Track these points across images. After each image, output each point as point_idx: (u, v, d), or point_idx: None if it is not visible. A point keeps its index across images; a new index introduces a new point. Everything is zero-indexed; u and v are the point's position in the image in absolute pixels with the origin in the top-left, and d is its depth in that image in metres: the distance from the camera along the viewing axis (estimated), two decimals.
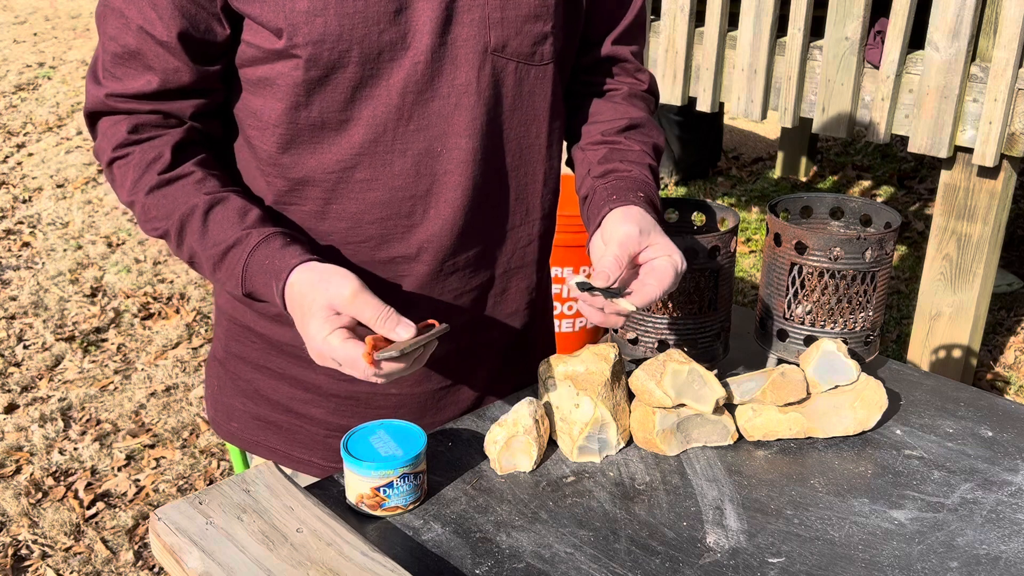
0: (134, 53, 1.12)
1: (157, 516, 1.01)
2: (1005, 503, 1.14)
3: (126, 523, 2.60)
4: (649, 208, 1.20)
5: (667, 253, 1.13)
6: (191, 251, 1.15)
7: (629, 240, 1.13)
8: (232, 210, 1.13)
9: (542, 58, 1.20)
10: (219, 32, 1.12)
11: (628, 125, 1.32)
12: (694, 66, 3.29)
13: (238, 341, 1.34)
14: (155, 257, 4.16)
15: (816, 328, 1.31)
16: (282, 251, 1.10)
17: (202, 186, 1.15)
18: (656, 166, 1.31)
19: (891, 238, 1.29)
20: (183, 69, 1.12)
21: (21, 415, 3.06)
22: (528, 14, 1.17)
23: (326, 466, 1.34)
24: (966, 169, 2.87)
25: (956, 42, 2.71)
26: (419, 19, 1.12)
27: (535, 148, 1.26)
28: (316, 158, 1.17)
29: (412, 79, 1.14)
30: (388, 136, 1.16)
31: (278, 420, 1.34)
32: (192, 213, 1.13)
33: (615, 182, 1.23)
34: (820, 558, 1.04)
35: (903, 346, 3.51)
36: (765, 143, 5.75)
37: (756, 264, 4.19)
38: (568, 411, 1.19)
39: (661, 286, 1.11)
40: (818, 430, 1.25)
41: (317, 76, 1.11)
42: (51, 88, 6.43)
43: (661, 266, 1.12)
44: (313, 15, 1.08)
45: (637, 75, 1.36)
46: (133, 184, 1.15)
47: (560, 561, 1.03)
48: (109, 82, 1.15)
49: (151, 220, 1.16)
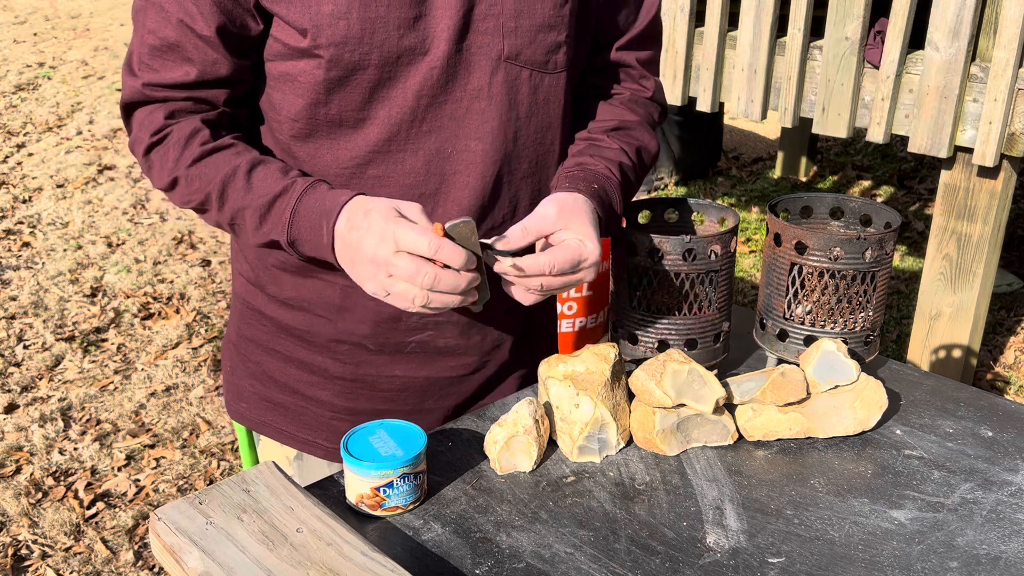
0: (173, 46, 1.16)
1: (157, 516, 1.01)
2: (1005, 503, 1.14)
3: (126, 523, 2.60)
4: (594, 199, 1.20)
5: (579, 236, 1.13)
6: (234, 209, 1.18)
7: (544, 219, 1.14)
8: (275, 167, 1.18)
9: (556, 66, 1.23)
10: (253, 27, 1.16)
11: (616, 126, 1.34)
12: (694, 66, 3.29)
13: (249, 324, 1.38)
14: (155, 257, 4.16)
15: (816, 328, 1.31)
16: (331, 192, 1.14)
17: (242, 153, 1.19)
18: (633, 166, 1.32)
19: (891, 238, 1.29)
20: (221, 61, 1.17)
21: (21, 415, 3.06)
22: (543, 23, 1.20)
23: (331, 447, 1.38)
24: (966, 169, 2.87)
25: (956, 42, 2.70)
26: (437, 26, 1.16)
27: (551, 154, 1.29)
28: (332, 153, 1.21)
29: (428, 83, 1.17)
30: (402, 136, 1.20)
31: (285, 402, 1.38)
32: (235, 173, 1.17)
33: (575, 171, 1.25)
34: (820, 558, 1.04)
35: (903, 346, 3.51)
36: (765, 143, 5.75)
37: (756, 264, 4.19)
38: (568, 411, 1.19)
39: (553, 257, 1.10)
40: (818, 430, 1.25)
41: (337, 76, 1.15)
42: (51, 88, 6.43)
43: (565, 243, 1.12)
44: (337, 18, 1.12)
45: (642, 82, 1.37)
46: (175, 161, 1.19)
47: (560, 561, 1.03)
48: (146, 73, 1.19)
49: (192, 192, 1.19)
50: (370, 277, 1.09)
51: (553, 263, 1.10)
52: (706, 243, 1.28)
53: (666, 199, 1.43)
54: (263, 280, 1.33)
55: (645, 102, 1.38)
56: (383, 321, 1.29)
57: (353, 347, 1.32)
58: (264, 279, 1.33)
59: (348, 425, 1.36)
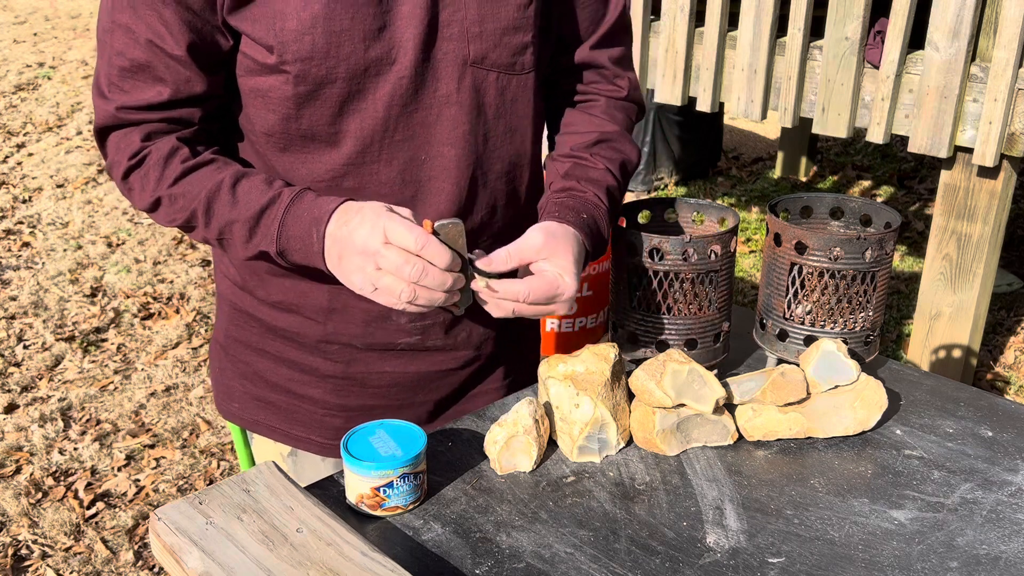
0: (143, 66, 1.15)
1: (157, 516, 1.01)
2: (1005, 503, 1.14)
3: (126, 523, 2.60)
4: (583, 231, 1.21)
5: (559, 271, 1.14)
6: (222, 224, 1.17)
7: (529, 247, 1.15)
8: (258, 179, 1.17)
9: (523, 68, 1.23)
10: (223, 43, 1.15)
11: (598, 139, 1.34)
12: (694, 66, 3.29)
13: (238, 326, 1.38)
14: (155, 257, 4.16)
15: (816, 328, 1.31)
16: (317, 200, 1.14)
17: (224, 167, 1.19)
18: (618, 185, 1.33)
19: (891, 238, 1.29)
20: (195, 79, 1.16)
21: (21, 415, 3.06)
22: (507, 26, 1.20)
23: (324, 443, 1.39)
24: (966, 169, 2.87)
25: (956, 42, 2.71)
26: (403, 36, 1.15)
27: (523, 154, 1.30)
28: (306, 167, 1.21)
29: (397, 93, 1.17)
30: (375, 147, 1.20)
31: (277, 400, 1.38)
32: (220, 188, 1.16)
33: (565, 199, 1.26)
34: (820, 558, 1.04)
35: (903, 346, 3.52)
36: (765, 143, 5.75)
37: (756, 264, 4.19)
38: (568, 411, 1.19)
39: (529, 287, 1.12)
40: (818, 430, 1.25)
41: (306, 91, 1.15)
42: (51, 88, 6.43)
43: (544, 275, 1.14)
44: (301, 33, 1.11)
45: (616, 81, 1.36)
46: (156, 182, 1.18)
47: (560, 561, 1.03)
48: (117, 95, 1.17)
49: (176, 211, 1.19)
50: (358, 269, 1.09)
51: (528, 292, 1.12)
52: (706, 243, 1.28)
53: (666, 199, 1.43)
54: (250, 284, 1.33)
55: (622, 105, 1.38)
56: (372, 321, 1.30)
57: (343, 347, 1.32)
58: (251, 283, 1.33)
59: (340, 421, 1.36)
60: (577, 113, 1.37)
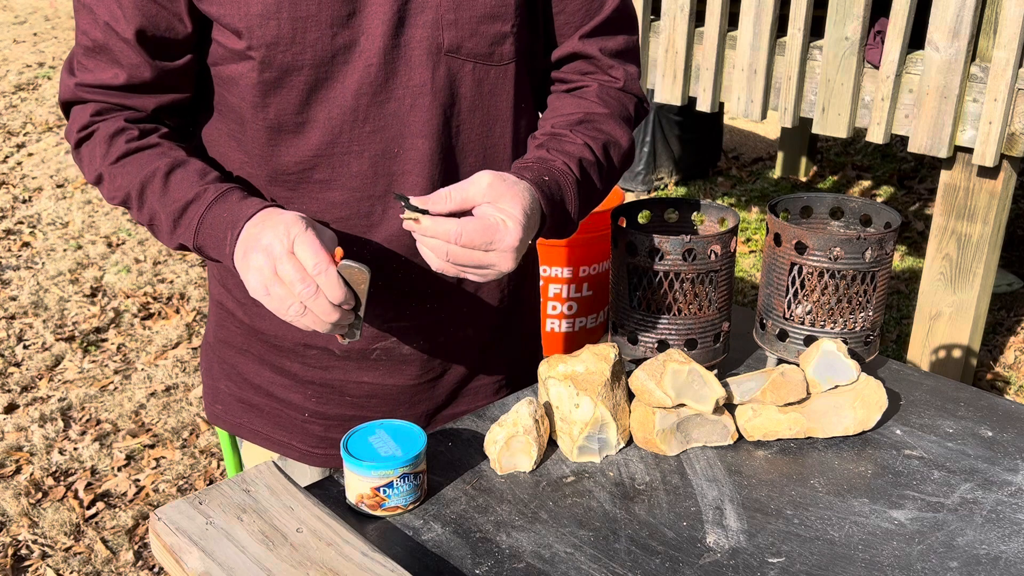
0: (102, 47, 1.16)
1: (157, 516, 1.01)
2: (1005, 503, 1.14)
3: (126, 523, 2.60)
4: (539, 189, 1.12)
5: (503, 216, 1.05)
6: (151, 212, 1.17)
7: (473, 187, 1.06)
8: (193, 171, 1.16)
9: (502, 58, 1.19)
10: (180, 30, 1.14)
11: (582, 119, 1.24)
12: (694, 66, 3.29)
13: (223, 326, 1.37)
14: (155, 257, 4.16)
15: (816, 328, 1.31)
16: (240, 203, 1.12)
17: (165, 154, 1.17)
18: (596, 163, 1.22)
19: (891, 238, 1.29)
20: (143, 65, 1.15)
21: (21, 415, 3.06)
22: (484, 14, 1.16)
23: (305, 450, 1.37)
24: (966, 169, 2.87)
25: (956, 42, 2.71)
26: (371, 22, 1.13)
27: (499, 148, 1.25)
28: (276, 159, 1.19)
29: (366, 81, 1.15)
30: (345, 138, 1.17)
31: (260, 404, 1.37)
32: (154, 175, 1.15)
33: (529, 163, 1.18)
34: (820, 558, 1.04)
35: (903, 346, 3.51)
36: (765, 143, 5.75)
37: (756, 264, 4.19)
38: (568, 411, 1.19)
39: (462, 227, 1.02)
40: (818, 430, 1.25)
41: (271, 78, 1.13)
42: (51, 88, 6.43)
43: (483, 216, 1.04)
44: (266, 18, 1.10)
45: (610, 72, 1.29)
46: (101, 157, 1.18)
47: (560, 561, 1.03)
48: (81, 73, 1.19)
49: (115, 189, 1.19)
50: (257, 269, 1.04)
51: (460, 232, 1.02)
52: (706, 243, 1.28)
53: (666, 199, 1.43)
54: (229, 283, 1.32)
55: (617, 93, 1.29)
56: None
57: (320, 352, 1.30)
58: (230, 282, 1.31)
59: (320, 428, 1.35)
60: (567, 97, 1.29)
